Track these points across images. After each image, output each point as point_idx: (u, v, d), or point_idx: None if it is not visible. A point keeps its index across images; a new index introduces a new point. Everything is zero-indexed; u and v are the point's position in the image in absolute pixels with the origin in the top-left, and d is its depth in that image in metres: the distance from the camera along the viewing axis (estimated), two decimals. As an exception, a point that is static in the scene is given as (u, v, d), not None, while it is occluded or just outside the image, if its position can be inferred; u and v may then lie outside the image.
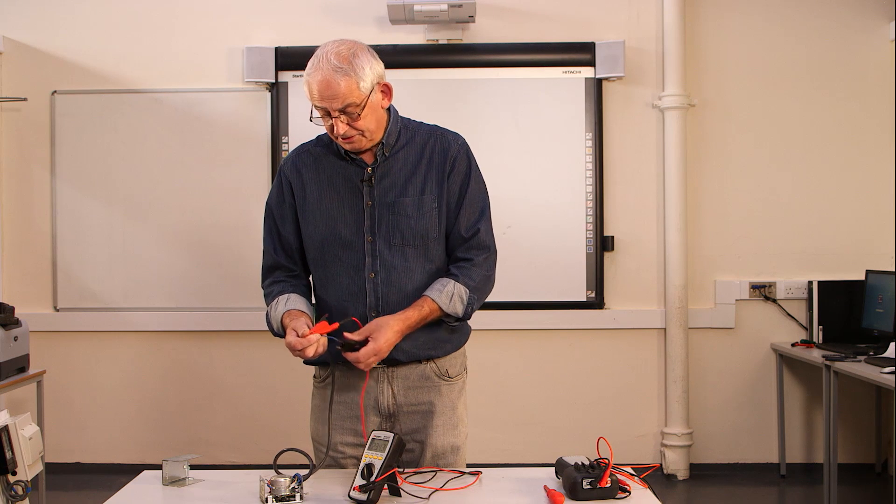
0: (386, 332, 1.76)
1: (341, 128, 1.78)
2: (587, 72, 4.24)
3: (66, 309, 4.34)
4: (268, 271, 1.99)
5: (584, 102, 4.25)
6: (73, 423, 4.36)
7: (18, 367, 3.40)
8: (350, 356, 1.75)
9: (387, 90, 1.85)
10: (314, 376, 2.01)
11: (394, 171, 1.88)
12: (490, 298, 2.00)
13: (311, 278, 2.01)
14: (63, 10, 4.34)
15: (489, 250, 1.94)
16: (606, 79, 4.25)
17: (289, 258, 1.97)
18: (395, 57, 4.20)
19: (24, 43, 4.35)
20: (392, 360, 1.88)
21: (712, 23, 4.31)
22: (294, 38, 4.26)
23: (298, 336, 1.73)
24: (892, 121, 4.23)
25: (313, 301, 1.99)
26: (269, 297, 1.94)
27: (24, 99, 4.32)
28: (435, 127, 1.97)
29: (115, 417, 4.39)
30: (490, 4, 4.27)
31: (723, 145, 4.32)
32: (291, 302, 1.88)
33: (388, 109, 1.90)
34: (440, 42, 4.28)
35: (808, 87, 4.31)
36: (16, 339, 3.36)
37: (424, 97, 4.24)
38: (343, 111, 1.76)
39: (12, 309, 3.40)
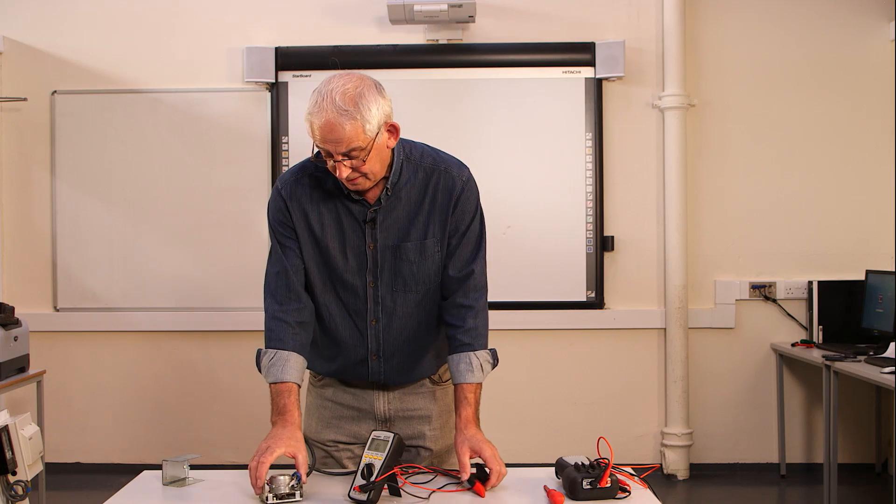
0: (482, 443, 1.71)
1: (344, 171, 1.66)
2: (587, 72, 4.24)
3: (66, 309, 4.34)
4: (273, 293, 1.83)
5: (584, 102, 4.25)
6: (73, 423, 4.36)
7: (18, 367, 3.40)
8: (485, 487, 1.67)
9: (393, 130, 1.72)
10: (311, 373, 2.01)
11: (396, 211, 1.80)
12: (489, 298, 1.99)
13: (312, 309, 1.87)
14: (63, 10, 4.34)
15: (485, 289, 1.87)
16: (606, 79, 4.25)
17: (297, 280, 1.82)
18: (395, 57, 4.20)
19: (24, 43, 4.35)
20: (388, 386, 1.90)
21: (712, 23, 4.31)
22: (294, 38, 4.26)
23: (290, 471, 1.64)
24: (892, 121, 4.23)
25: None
26: (268, 336, 1.81)
27: (24, 99, 4.32)
28: (438, 158, 1.84)
29: (115, 417, 4.39)
30: (490, 4, 4.27)
31: (723, 145, 4.32)
32: (287, 370, 1.76)
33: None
34: (440, 42, 4.28)
35: (808, 87, 4.31)
36: (16, 339, 3.36)
37: (424, 97, 4.23)
38: (347, 155, 1.65)
39: (12, 309, 3.40)
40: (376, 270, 1.81)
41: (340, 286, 1.83)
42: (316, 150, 1.69)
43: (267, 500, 1.59)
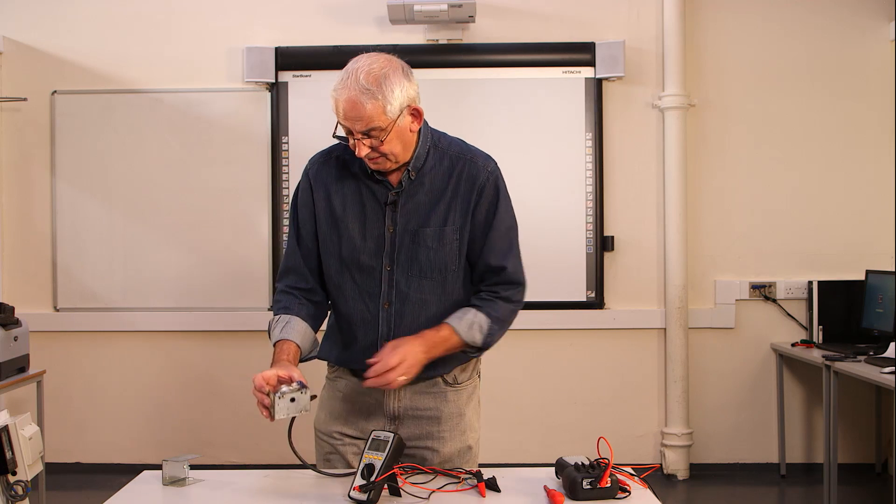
0: (405, 342, 1.72)
1: (363, 150, 1.70)
2: (587, 72, 4.24)
3: (66, 309, 4.34)
4: (284, 272, 1.92)
5: (584, 102, 4.25)
6: (73, 423, 4.36)
7: (18, 367, 3.40)
8: (372, 381, 1.68)
9: (417, 114, 1.76)
10: (328, 366, 2.01)
11: (418, 196, 1.81)
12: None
13: (325, 294, 1.94)
14: (63, 10, 4.34)
15: (519, 284, 1.90)
16: (606, 79, 4.25)
17: (306, 264, 1.90)
18: (395, 57, 4.20)
19: (24, 43, 4.35)
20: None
21: (712, 23, 4.31)
22: (294, 38, 4.26)
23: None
24: (892, 121, 4.23)
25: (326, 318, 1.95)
26: (276, 307, 1.90)
27: (24, 99, 4.32)
28: (466, 148, 1.89)
29: (115, 417, 4.39)
30: (490, 4, 4.27)
31: (723, 145, 4.32)
32: (287, 330, 1.82)
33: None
34: (440, 42, 4.28)
35: (808, 86, 4.31)
36: (16, 339, 3.36)
37: (424, 97, 4.13)
38: (367, 134, 1.69)
39: (12, 309, 3.40)
40: (394, 254, 1.82)
41: (356, 267, 1.84)
42: (339, 127, 1.73)
43: (276, 405, 1.59)
